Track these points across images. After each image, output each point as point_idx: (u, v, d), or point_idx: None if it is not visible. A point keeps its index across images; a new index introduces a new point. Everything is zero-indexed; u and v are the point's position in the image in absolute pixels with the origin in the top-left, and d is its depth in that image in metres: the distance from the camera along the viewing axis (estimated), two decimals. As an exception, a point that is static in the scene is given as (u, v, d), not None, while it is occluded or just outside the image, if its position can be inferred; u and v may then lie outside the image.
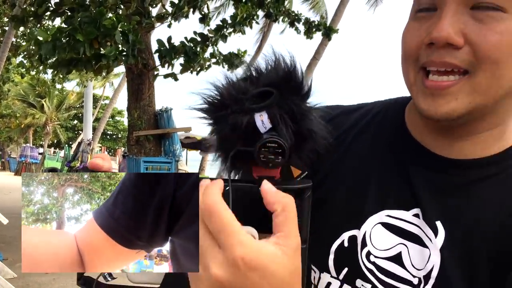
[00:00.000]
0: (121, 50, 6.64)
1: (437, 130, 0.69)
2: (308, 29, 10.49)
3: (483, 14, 0.60)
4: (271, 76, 0.56)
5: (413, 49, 0.65)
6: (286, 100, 0.54)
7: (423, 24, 0.64)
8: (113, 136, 45.41)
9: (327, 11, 22.82)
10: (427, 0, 0.64)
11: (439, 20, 0.61)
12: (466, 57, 0.61)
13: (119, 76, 32.12)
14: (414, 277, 0.66)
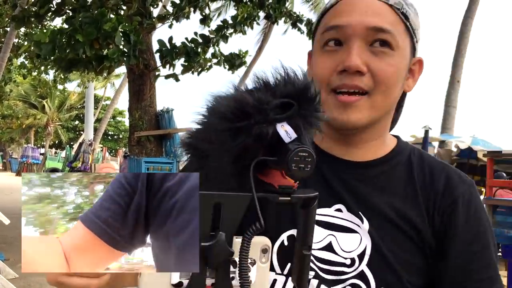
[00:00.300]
0: (122, 51, 6.65)
1: (340, 141, 0.88)
2: (310, 30, 10.48)
3: (377, 50, 0.81)
4: (288, 88, 0.60)
5: (326, 75, 0.82)
6: (304, 111, 0.59)
7: (332, 57, 0.82)
8: (114, 137, 45.43)
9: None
10: (334, 37, 0.82)
11: (349, 53, 0.79)
12: (368, 82, 0.80)
13: (120, 76, 32.15)
14: (345, 259, 0.82)
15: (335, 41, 0.82)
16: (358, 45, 0.80)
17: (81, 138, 28.48)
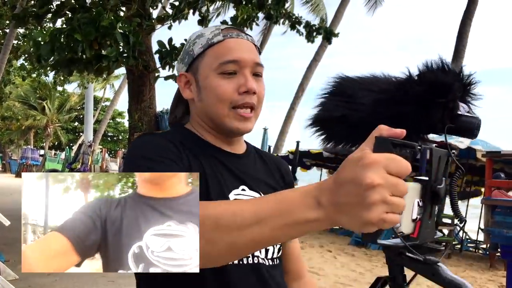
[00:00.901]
0: (121, 51, 6.65)
1: (223, 138, 1.14)
2: (309, 33, 10.48)
3: (257, 78, 1.11)
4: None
5: (228, 95, 1.06)
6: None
7: (231, 81, 1.07)
8: (114, 138, 45.41)
9: (326, 14, 22.84)
10: (231, 69, 1.07)
11: (247, 80, 1.07)
12: (255, 100, 1.09)
13: (119, 78, 32.15)
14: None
15: (232, 72, 1.07)
16: (249, 74, 1.08)
17: (80, 140, 28.47)
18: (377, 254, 9.16)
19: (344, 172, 0.63)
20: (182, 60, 1.15)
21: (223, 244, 0.71)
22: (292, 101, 18.05)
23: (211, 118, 1.10)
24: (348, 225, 0.64)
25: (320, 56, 17.81)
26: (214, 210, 0.72)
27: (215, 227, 0.71)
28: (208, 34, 1.10)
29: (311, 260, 7.82)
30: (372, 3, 22.21)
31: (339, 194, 0.63)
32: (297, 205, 0.67)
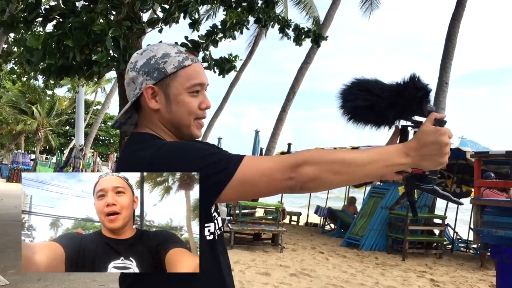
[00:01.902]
0: (112, 56, 6.64)
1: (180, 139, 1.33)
2: (298, 36, 10.48)
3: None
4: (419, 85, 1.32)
5: (194, 110, 1.29)
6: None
7: (196, 99, 1.29)
8: (105, 142, 45.22)
9: (319, 16, 22.92)
10: (197, 89, 1.29)
11: (205, 98, 1.32)
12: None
13: (111, 81, 32.02)
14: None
15: (196, 91, 1.29)
16: (205, 93, 1.33)
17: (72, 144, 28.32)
18: (368, 255, 9.20)
19: (427, 137, 1.12)
20: (149, 74, 1.26)
21: (345, 175, 1.11)
22: (284, 103, 18.07)
23: (177, 126, 1.29)
24: (426, 167, 1.16)
25: (311, 58, 17.85)
26: (340, 153, 1.13)
27: (342, 163, 1.11)
28: (176, 55, 1.28)
29: (303, 262, 7.84)
30: (367, 5, 22.30)
31: (422, 149, 1.12)
32: (393, 154, 1.13)
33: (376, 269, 7.83)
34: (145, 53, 1.29)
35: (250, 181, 1.12)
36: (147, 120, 1.30)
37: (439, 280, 7.23)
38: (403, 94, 1.28)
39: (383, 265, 8.28)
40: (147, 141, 1.23)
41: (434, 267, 8.43)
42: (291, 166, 1.11)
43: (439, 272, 7.96)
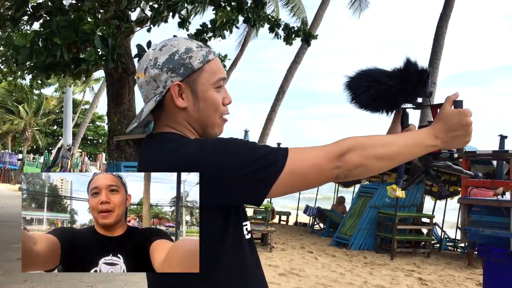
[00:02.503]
0: (100, 54, 6.60)
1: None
2: (288, 35, 10.51)
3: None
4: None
5: (219, 105, 1.24)
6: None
7: (219, 95, 1.24)
8: (93, 141, 44.89)
9: (306, 17, 22.96)
10: (221, 84, 1.24)
11: (227, 93, 1.27)
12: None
13: (99, 81, 31.81)
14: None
15: (221, 86, 1.25)
16: (225, 87, 1.28)
17: (59, 143, 28.07)
18: (357, 254, 9.24)
19: (452, 120, 1.20)
20: (174, 70, 1.19)
21: (386, 161, 1.16)
22: (273, 103, 18.10)
23: (203, 124, 1.24)
24: (454, 147, 1.25)
25: (300, 58, 17.89)
26: (379, 139, 1.17)
27: (384, 148, 1.15)
28: (198, 49, 1.22)
29: (292, 261, 7.85)
30: (356, 5, 22.38)
31: (450, 132, 1.20)
32: (424, 137, 1.20)
33: (364, 268, 7.86)
34: (166, 49, 1.21)
35: (300, 173, 1.11)
36: (170, 119, 1.23)
37: (427, 279, 7.27)
38: (409, 78, 1.34)
39: (371, 264, 8.32)
40: (181, 140, 1.18)
41: (422, 266, 8.48)
42: (337, 155, 1.11)
43: (427, 271, 8.02)
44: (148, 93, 1.21)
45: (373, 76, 1.38)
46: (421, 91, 1.36)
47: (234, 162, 1.08)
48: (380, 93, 1.37)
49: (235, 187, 1.08)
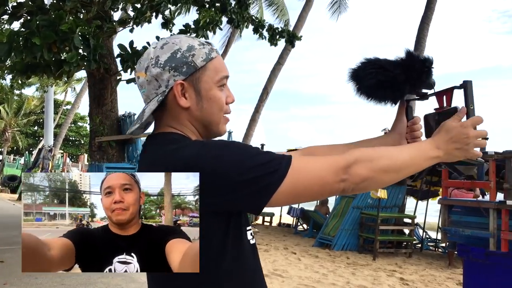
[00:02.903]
0: (82, 55, 6.53)
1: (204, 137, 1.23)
2: (272, 36, 10.53)
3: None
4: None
5: (223, 104, 1.21)
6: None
7: (223, 93, 1.21)
8: (75, 142, 44.38)
9: (289, 19, 23.03)
10: (224, 82, 1.21)
11: (230, 91, 1.24)
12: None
13: (81, 81, 31.49)
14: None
15: (224, 84, 1.22)
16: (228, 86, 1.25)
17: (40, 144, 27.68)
18: (340, 255, 9.29)
19: (453, 131, 1.19)
20: (176, 69, 1.15)
21: (393, 174, 1.13)
22: (257, 104, 18.12)
23: (207, 124, 1.21)
24: (455, 158, 1.22)
25: (284, 59, 17.95)
26: (385, 152, 1.15)
27: (390, 162, 1.12)
28: (201, 47, 1.18)
29: (275, 262, 7.86)
30: (336, 7, 22.52)
31: (450, 142, 1.18)
32: (427, 148, 1.19)
33: (347, 268, 7.91)
34: (167, 47, 1.17)
35: (302, 184, 1.07)
36: (172, 119, 1.19)
37: (408, 279, 7.35)
38: (414, 67, 1.33)
39: (354, 264, 8.37)
40: (182, 141, 1.14)
41: (404, 266, 8.57)
42: (343, 167, 1.08)
43: (408, 271, 8.10)
44: (150, 93, 1.18)
45: (379, 63, 1.37)
46: (425, 80, 1.34)
47: (234, 167, 1.04)
48: (387, 80, 1.35)
49: (233, 194, 1.05)
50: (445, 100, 1.35)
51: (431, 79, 1.35)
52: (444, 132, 1.20)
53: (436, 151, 1.18)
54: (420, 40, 12.77)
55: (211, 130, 1.22)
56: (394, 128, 1.45)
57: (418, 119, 1.42)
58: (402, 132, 1.44)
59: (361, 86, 1.40)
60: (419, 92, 1.39)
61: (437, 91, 1.36)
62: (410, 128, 1.43)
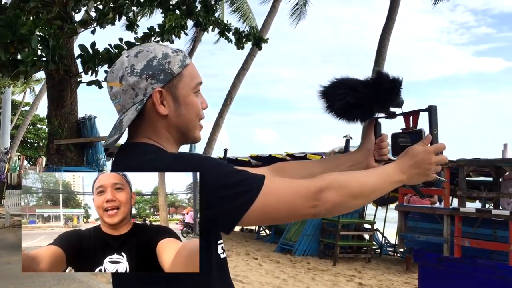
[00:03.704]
0: (40, 55, 6.37)
1: (178, 145, 1.25)
2: (238, 39, 10.54)
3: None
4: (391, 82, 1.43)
5: (200, 110, 1.23)
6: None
7: (199, 99, 1.22)
8: (34, 145, 43.12)
9: (257, 25, 23.10)
10: (198, 89, 1.23)
11: (203, 97, 1.25)
12: None
13: (40, 81, 30.66)
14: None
15: (198, 91, 1.23)
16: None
17: (-4, 146, 26.75)
18: (301, 260, 9.36)
19: (417, 156, 1.24)
20: (154, 77, 1.14)
21: (361, 199, 1.17)
22: (221, 108, 18.10)
23: (184, 131, 1.21)
24: (415, 182, 1.27)
25: (249, 64, 18.01)
26: (355, 177, 1.18)
27: (359, 187, 1.16)
28: (175, 54, 1.19)
29: (236, 268, 7.85)
30: (296, 15, 22.76)
31: (413, 167, 1.24)
32: (393, 173, 1.23)
33: (307, 274, 7.97)
34: (142, 55, 1.16)
35: (272, 207, 1.07)
36: (148, 128, 1.18)
37: (367, 284, 7.47)
38: (383, 87, 1.37)
39: (314, 270, 8.45)
40: (155, 152, 1.14)
41: (363, 271, 8.71)
42: (315, 193, 1.09)
43: (367, 276, 8.24)
44: (125, 103, 1.15)
45: (349, 84, 1.39)
46: (393, 99, 1.39)
47: (209, 184, 1.04)
48: (356, 101, 1.38)
49: (208, 210, 1.05)
50: (411, 121, 1.41)
51: (400, 99, 1.39)
52: (409, 157, 1.25)
53: (400, 175, 1.23)
54: (381, 50, 13.07)
55: (188, 137, 1.23)
56: (362, 144, 1.48)
57: (385, 137, 1.46)
58: (370, 148, 1.46)
59: (331, 106, 1.43)
60: (388, 111, 1.43)
61: (405, 112, 1.41)
62: (378, 145, 1.46)
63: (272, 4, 18.79)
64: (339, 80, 1.42)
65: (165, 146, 1.19)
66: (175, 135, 1.20)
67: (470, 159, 4.65)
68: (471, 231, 4.20)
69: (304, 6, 22.43)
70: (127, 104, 1.16)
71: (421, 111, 1.38)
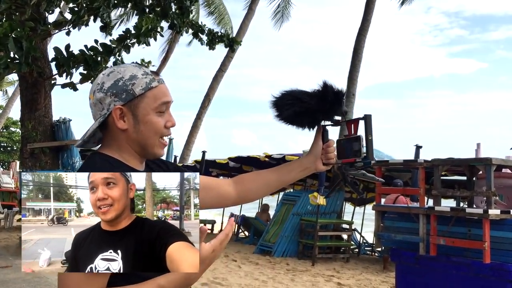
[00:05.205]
0: (13, 57, 6.24)
1: (138, 160, 1.37)
2: (211, 40, 10.52)
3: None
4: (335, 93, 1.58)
5: (161, 129, 1.33)
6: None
7: (162, 118, 1.34)
8: (7, 148, 42.24)
9: (232, 27, 23.07)
10: (163, 109, 1.34)
11: (171, 116, 1.37)
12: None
13: (13, 84, 30.08)
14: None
15: (163, 110, 1.34)
16: (169, 112, 1.39)
17: (-32, 150, 26.13)
18: (280, 261, 9.39)
19: (207, 260, 1.16)
20: (117, 95, 1.31)
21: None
22: (199, 110, 18.03)
23: (143, 146, 1.34)
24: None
25: (226, 66, 17.99)
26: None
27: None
28: (143, 77, 1.34)
29: (215, 270, 7.82)
30: (279, 16, 22.82)
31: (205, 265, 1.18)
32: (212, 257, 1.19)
33: (286, 275, 8.00)
34: (112, 75, 1.33)
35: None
36: (112, 139, 1.34)
37: (345, 284, 7.53)
38: (327, 98, 1.52)
39: (293, 271, 8.48)
40: (97, 161, 1.30)
41: (341, 271, 8.77)
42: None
43: (346, 276, 8.31)
44: (95, 114, 1.34)
45: (295, 95, 1.55)
46: (337, 109, 1.53)
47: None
48: (302, 110, 1.53)
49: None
50: (352, 128, 1.57)
51: (343, 109, 1.54)
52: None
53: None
54: (357, 51, 13.20)
55: (148, 152, 1.36)
56: (310, 150, 1.62)
57: (332, 143, 1.60)
58: (317, 153, 1.60)
59: (280, 115, 1.58)
60: (333, 119, 1.58)
61: (347, 119, 1.57)
62: (325, 150, 1.59)
63: (249, 6, 18.82)
64: (287, 92, 1.58)
65: (126, 157, 1.34)
66: (136, 149, 1.35)
67: (445, 158, 4.72)
68: (446, 230, 4.27)
69: (286, 9, 22.48)
70: (96, 115, 1.34)
71: (360, 119, 1.53)
